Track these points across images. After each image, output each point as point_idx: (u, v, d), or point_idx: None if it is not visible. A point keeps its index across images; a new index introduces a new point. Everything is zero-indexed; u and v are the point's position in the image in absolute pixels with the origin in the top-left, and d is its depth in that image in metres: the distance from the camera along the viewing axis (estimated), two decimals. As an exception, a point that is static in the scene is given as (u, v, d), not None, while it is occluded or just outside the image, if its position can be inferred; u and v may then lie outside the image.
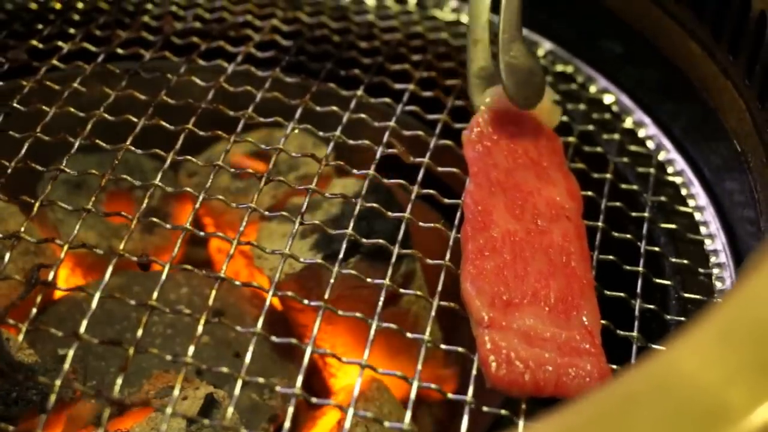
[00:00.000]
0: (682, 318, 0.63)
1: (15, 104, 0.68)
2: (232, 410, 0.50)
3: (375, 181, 0.64)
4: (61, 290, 0.55)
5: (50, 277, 0.55)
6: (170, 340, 0.71)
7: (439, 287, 0.57)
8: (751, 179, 0.68)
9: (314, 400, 0.51)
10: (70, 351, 0.51)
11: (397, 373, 0.54)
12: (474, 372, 0.54)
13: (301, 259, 0.59)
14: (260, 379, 0.52)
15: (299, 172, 0.79)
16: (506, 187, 0.64)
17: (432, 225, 0.62)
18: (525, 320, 0.56)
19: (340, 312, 0.56)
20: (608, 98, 0.84)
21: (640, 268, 0.64)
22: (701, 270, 0.67)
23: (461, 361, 0.54)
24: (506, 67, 0.65)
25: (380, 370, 0.54)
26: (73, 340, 0.51)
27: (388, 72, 0.80)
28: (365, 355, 0.53)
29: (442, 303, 0.57)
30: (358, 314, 0.56)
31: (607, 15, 0.84)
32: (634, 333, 0.59)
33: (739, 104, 0.70)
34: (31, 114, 0.67)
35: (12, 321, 0.53)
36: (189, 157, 0.66)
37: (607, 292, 0.61)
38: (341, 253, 0.59)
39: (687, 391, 0.36)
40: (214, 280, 0.56)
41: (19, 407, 0.57)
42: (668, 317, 0.63)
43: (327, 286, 0.57)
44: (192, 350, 0.52)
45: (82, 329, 0.52)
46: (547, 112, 0.70)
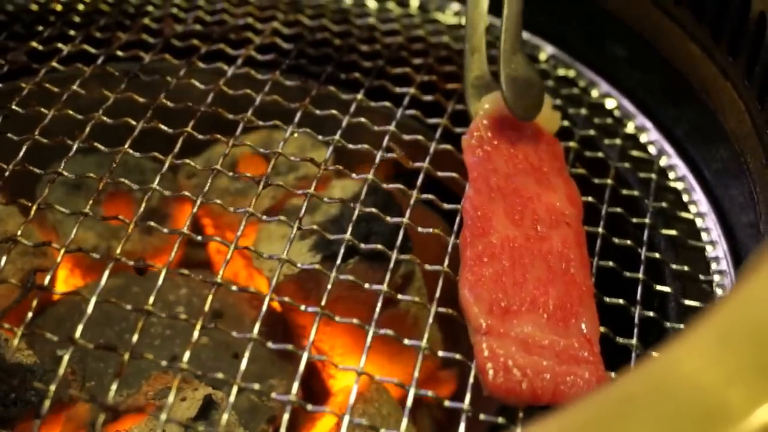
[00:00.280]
0: (681, 325, 0.62)
1: (13, 106, 0.68)
2: (227, 416, 0.50)
3: (374, 185, 0.64)
4: (57, 294, 0.54)
5: (46, 282, 0.55)
6: (169, 341, 0.71)
7: (437, 294, 0.57)
8: (750, 181, 0.68)
9: (309, 407, 0.51)
10: (65, 355, 0.51)
11: (394, 381, 0.53)
12: (471, 379, 0.53)
13: (299, 264, 0.59)
14: (255, 386, 0.52)
15: (299, 172, 0.79)
16: (506, 193, 0.63)
17: (431, 230, 0.62)
18: (523, 327, 0.55)
19: (337, 318, 0.55)
20: (610, 103, 0.83)
21: (641, 275, 0.64)
22: (702, 277, 0.67)
23: (461, 362, 0.54)
24: (507, 79, 0.65)
25: (377, 377, 0.54)
26: (68, 344, 0.51)
27: (388, 75, 0.79)
28: (362, 362, 0.53)
29: (440, 309, 0.56)
30: (355, 320, 0.55)
31: (609, 17, 0.83)
32: (634, 340, 0.59)
33: (739, 105, 0.70)
34: (29, 116, 0.67)
35: (7, 325, 0.53)
36: (187, 161, 0.65)
37: (607, 299, 0.61)
38: (339, 259, 0.58)
39: (686, 393, 0.35)
40: (211, 284, 0.56)
41: (18, 408, 0.57)
42: (668, 324, 0.62)
43: (325, 289, 0.56)
44: (188, 356, 0.52)
45: (77, 334, 0.52)
46: (547, 119, 0.70)
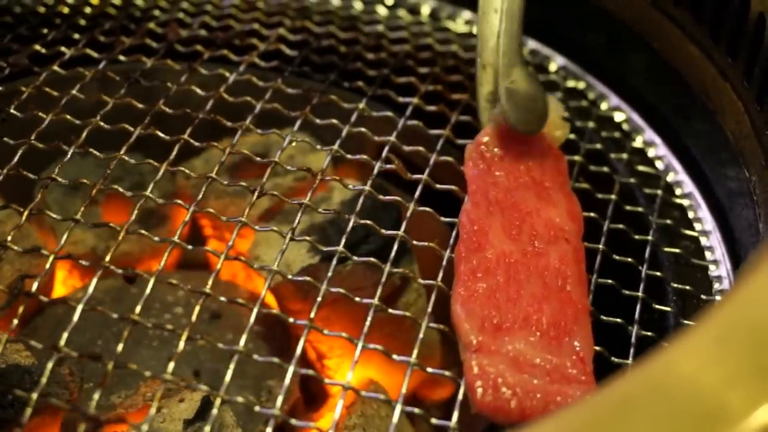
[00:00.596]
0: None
1: (12, 110, 0.68)
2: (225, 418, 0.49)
3: (371, 195, 0.63)
4: (45, 300, 0.54)
5: (34, 288, 0.55)
6: (167, 342, 0.71)
7: (429, 308, 0.56)
8: (750, 182, 0.68)
9: (293, 421, 0.51)
10: (49, 363, 0.51)
11: (381, 397, 0.53)
12: (460, 396, 0.52)
13: (289, 276, 0.59)
14: (239, 398, 0.51)
15: (298, 173, 0.78)
16: (504, 207, 0.62)
17: (426, 244, 0.61)
18: (515, 345, 0.54)
19: (326, 331, 0.55)
20: (619, 116, 0.82)
21: (640, 293, 0.63)
22: (704, 296, 0.65)
23: (460, 361, 0.54)
24: (505, 92, 0.64)
25: (363, 393, 0.53)
26: (53, 352, 0.51)
27: (393, 85, 0.79)
28: (348, 376, 0.52)
29: (431, 325, 0.56)
30: (343, 334, 0.55)
31: (618, 26, 0.83)
32: (629, 360, 0.57)
33: (738, 106, 0.69)
34: (27, 120, 0.67)
35: None
36: (183, 168, 0.65)
37: (604, 318, 0.60)
38: (331, 269, 0.58)
39: (685, 394, 0.35)
40: (210, 279, 0.57)
41: (15, 410, 0.57)
42: (666, 345, 0.61)
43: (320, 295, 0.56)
44: (172, 367, 0.51)
45: (62, 342, 0.52)
46: (554, 127, 0.68)
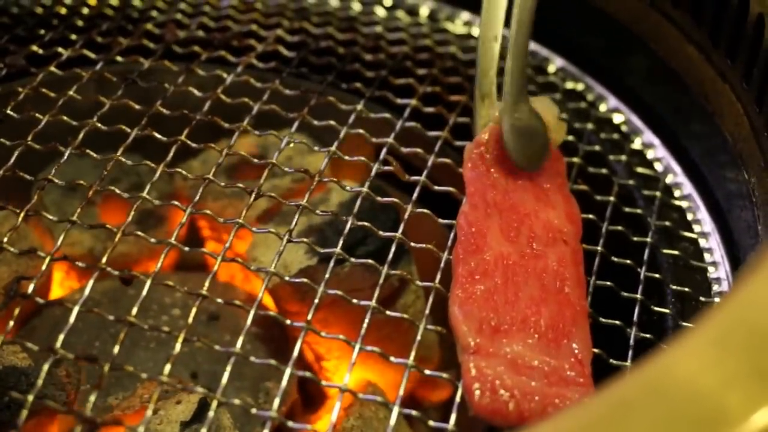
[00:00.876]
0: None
1: (9, 111, 0.68)
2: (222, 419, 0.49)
3: (369, 197, 0.63)
4: (41, 302, 0.54)
5: (30, 290, 0.54)
6: (165, 344, 0.71)
7: (427, 310, 0.56)
8: (749, 184, 0.67)
9: (291, 423, 0.50)
10: (45, 365, 0.51)
11: (378, 399, 0.52)
12: (458, 399, 0.52)
13: (287, 278, 0.58)
14: (236, 400, 0.51)
15: (295, 175, 0.77)
16: (502, 209, 0.62)
17: (424, 246, 0.61)
18: (513, 347, 0.54)
19: (323, 333, 0.55)
20: (618, 117, 0.82)
21: (638, 295, 0.62)
22: (703, 298, 0.65)
23: (458, 363, 0.54)
24: (510, 129, 0.64)
25: (360, 395, 0.53)
26: (49, 354, 0.51)
27: (391, 86, 0.78)
28: (346, 378, 0.52)
29: (429, 327, 0.55)
30: (341, 336, 0.55)
31: (617, 27, 0.82)
32: (628, 363, 0.57)
33: (737, 108, 0.69)
34: (24, 121, 0.67)
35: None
36: (180, 170, 0.65)
37: (603, 320, 0.59)
38: (328, 272, 0.57)
39: (683, 396, 0.35)
40: (206, 281, 0.56)
41: (11, 412, 0.57)
42: (665, 347, 0.61)
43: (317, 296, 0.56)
44: (169, 369, 0.51)
45: (58, 343, 0.51)
46: (552, 129, 0.68)
